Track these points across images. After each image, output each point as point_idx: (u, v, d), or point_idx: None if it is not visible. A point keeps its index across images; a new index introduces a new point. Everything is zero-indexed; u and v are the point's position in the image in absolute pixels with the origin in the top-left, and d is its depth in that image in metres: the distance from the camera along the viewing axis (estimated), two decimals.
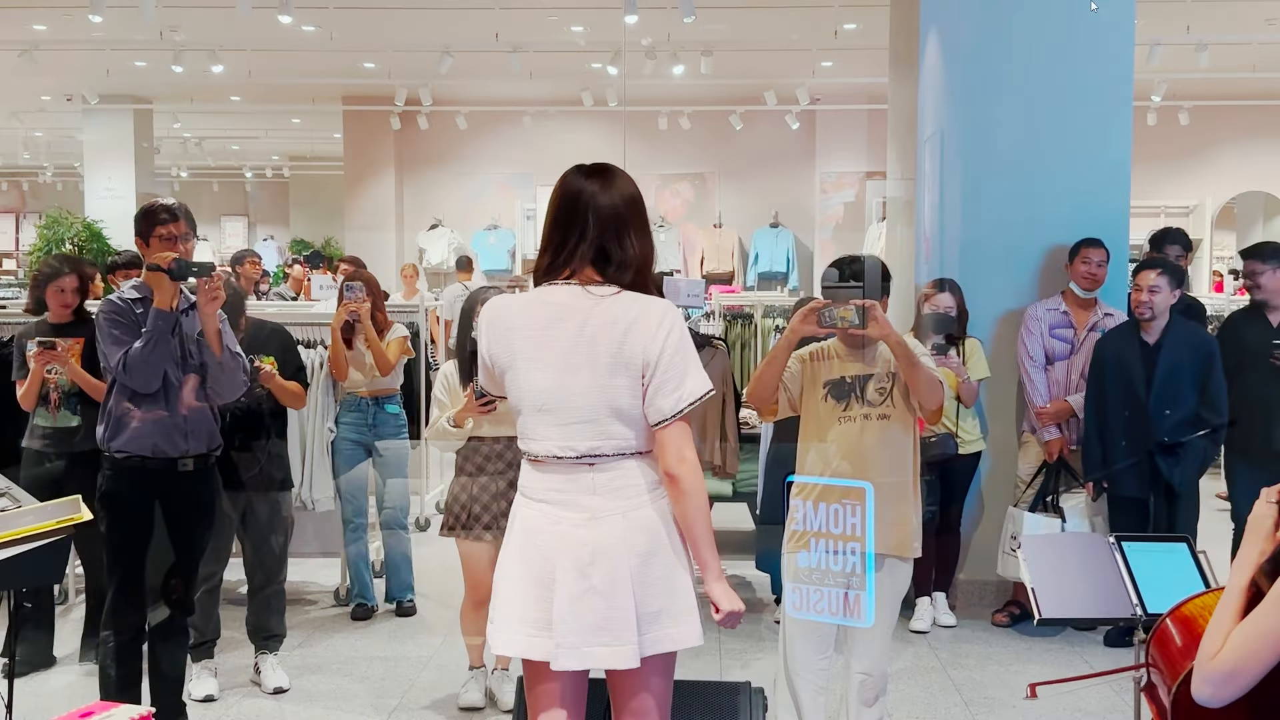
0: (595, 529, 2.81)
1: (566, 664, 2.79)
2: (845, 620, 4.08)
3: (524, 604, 2.84)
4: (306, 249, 16.37)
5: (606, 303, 2.81)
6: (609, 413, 2.80)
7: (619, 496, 2.83)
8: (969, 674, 5.37)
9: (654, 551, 2.82)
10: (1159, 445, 5.47)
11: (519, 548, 2.89)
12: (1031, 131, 6.14)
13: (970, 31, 6.22)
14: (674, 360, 2.79)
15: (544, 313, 2.84)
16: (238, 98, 14.51)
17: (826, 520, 4.06)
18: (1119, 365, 5.66)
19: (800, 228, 14.10)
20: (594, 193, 2.86)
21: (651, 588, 2.81)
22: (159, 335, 4.19)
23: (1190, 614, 2.39)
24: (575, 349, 2.80)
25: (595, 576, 2.78)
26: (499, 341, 2.89)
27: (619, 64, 10.96)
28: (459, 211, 14.46)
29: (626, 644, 2.78)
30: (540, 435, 2.85)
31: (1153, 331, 5.61)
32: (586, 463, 2.82)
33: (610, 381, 2.79)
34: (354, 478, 6.12)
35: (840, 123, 13.63)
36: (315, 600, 6.47)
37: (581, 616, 2.78)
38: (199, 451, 4.37)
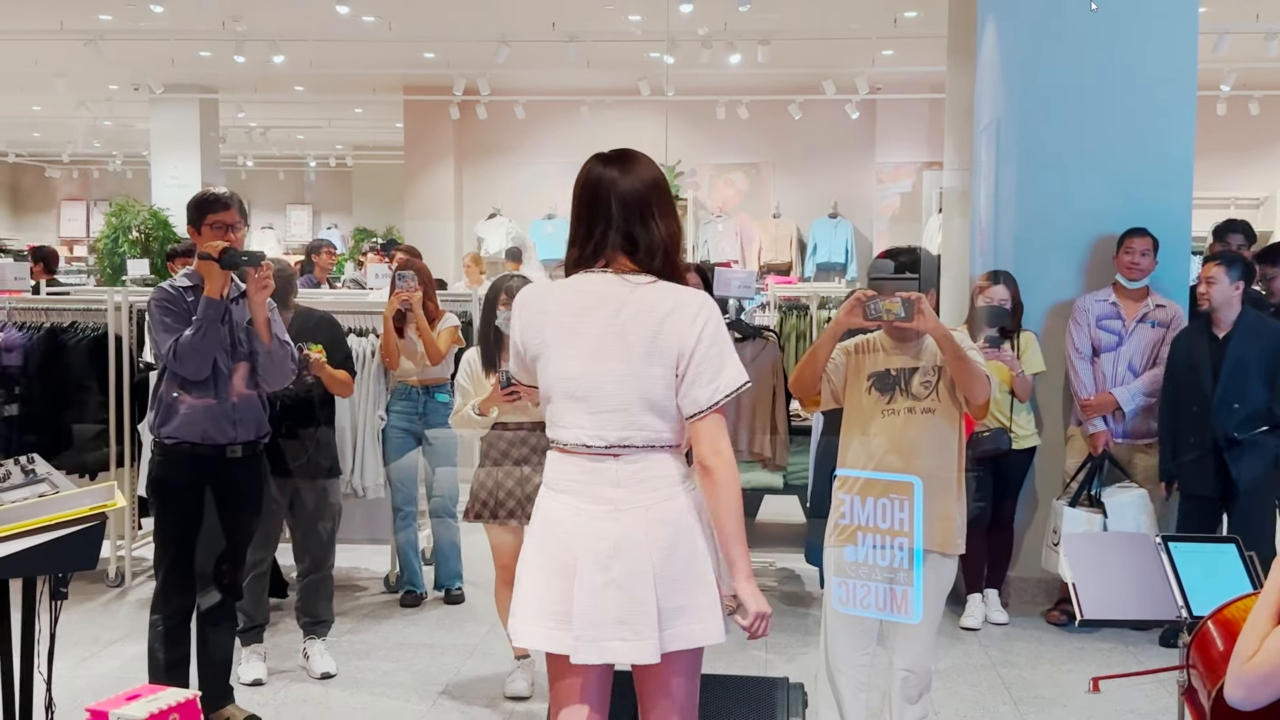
0: (617, 521, 2.78)
1: (584, 657, 2.77)
2: (890, 615, 4.03)
3: (544, 596, 2.82)
4: (369, 237, 16.50)
5: (642, 291, 2.79)
6: (641, 402, 2.78)
7: (643, 489, 2.80)
8: (1019, 672, 5.30)
9: (678, 546, 2.79)
10: (1226, 441, 5.36)
11: (540, 539, 2.87)
12: (1091, 121, 6.02)
13: (1029, 18, 6.11)
14: (710, 352, 2.76)
15: (578, 300, 2.83)
16: (301, 88, 14.64)
17: (874, 514, 4.01)
18: (1188, 360, 5.57)
19: (859, 218, 13.98)
20: (614, 179, 2.84)
21: (674, 583, 2.78)
22: (209, 323, 4.24)
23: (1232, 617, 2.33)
24: (608, 337, 2.78)
25: (616, 569, 2.75)
26: (531, 327, 2.88)
27: (675, 53, 10.90)
28: (517, 201, 14.49)
29: (646, 639, 2.75)
30: (570, 423, 2.83)
31: (1222, 325, 5.50)
32: (613, 453, 2.80)
33: (643, 370, 2.77)
34: (404, 466, 6.15)
35: (901, 112, 13.49)
36: (365, 587, 6.52)
37: (601, 610, 2.75)
38: (247, 439, 4.42)
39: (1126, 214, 5.94)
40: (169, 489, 4.38)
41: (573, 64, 11.09)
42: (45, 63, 11.75)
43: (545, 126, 14.22)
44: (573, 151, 14.17)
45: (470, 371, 4.83)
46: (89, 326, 6.45)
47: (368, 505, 6.29)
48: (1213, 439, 5.43)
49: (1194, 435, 5.51)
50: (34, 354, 6.32)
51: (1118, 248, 5.90)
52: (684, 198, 13.73)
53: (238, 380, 4.37)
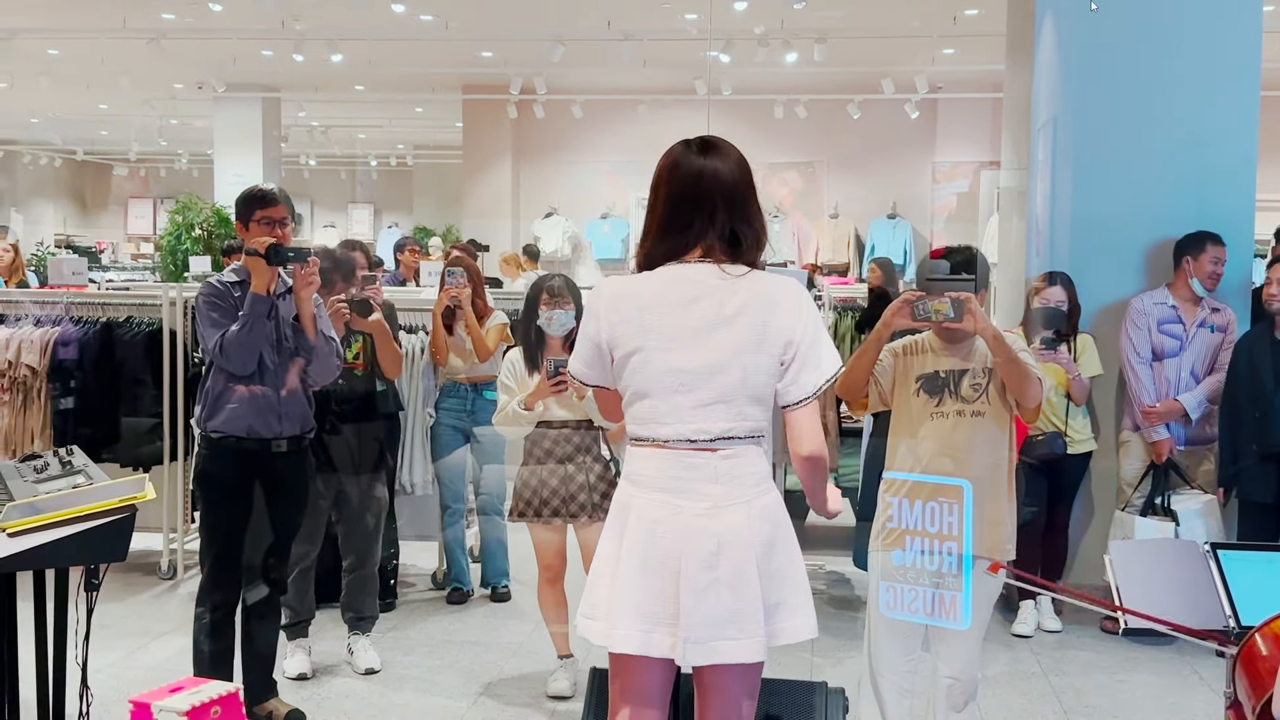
0: (719, 518, 2.73)
1: (695, 659, 2.73)
2: (937, 621, 3.96)
3: (642, 598, 2.74)
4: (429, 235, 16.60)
5: (744, 282, 2.76)
6: (746, 393, 2.75)
7: (741, 484, 2.76)
8: (1070, 681, 5.19)
9: (776, 541, 2.77)
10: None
11: (635, 539, 2.77)
12: (1150, 120, 5.90)
13: (1087, 16, 5.98)
14: (816, 337, 2.77)
15: (680, 290, 2.76)
16: (361, 87, 14.76)
17: (921, 518, 3.95)
18: (1250, 366, 5.44)
19: (917, 219, 13.84)
20: (715, 170, 2.79)
21: (773, 578, 2.76)
22: (255, 318, 4.26)
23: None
24: (715, 328, 2.74)
25: (722, 568, 2.71)
26: (628, 322, 2.78)
27: (731, 51, 10.85)
28: (573, 200, 14.51)
29: (754, 636, 2.72)
30: (672, 419, 2.76)
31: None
32: (713, 448, 2.75)
33: (753, 360, 2.74)
34: (452, 463, 6.16)
35: (961, 111, 13.35)
36: (413, 583, 6.54)
37: (709, 610, 2.70)
38: (292, 433, 4.44)
39: (1186, 215, 5.82)
40: (214, 483, 4.41)
41: (629, 63, 11.07)
42: (110, 61, 11.93)
43: (602, 126, 14.22)
44: (629, 151, 14.32)
45: (514, 370, 4.82)
46: (144, 321, 6.52)
47: (415, 502, 6.29)
48: (1275, 446, 5.29)
49: (1256, 441, 5.38)
50: (89, 348, 6.40)
51: (1181, 254, 5.73)
52: None
53: (289, 375, 4.40)
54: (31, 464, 3.42)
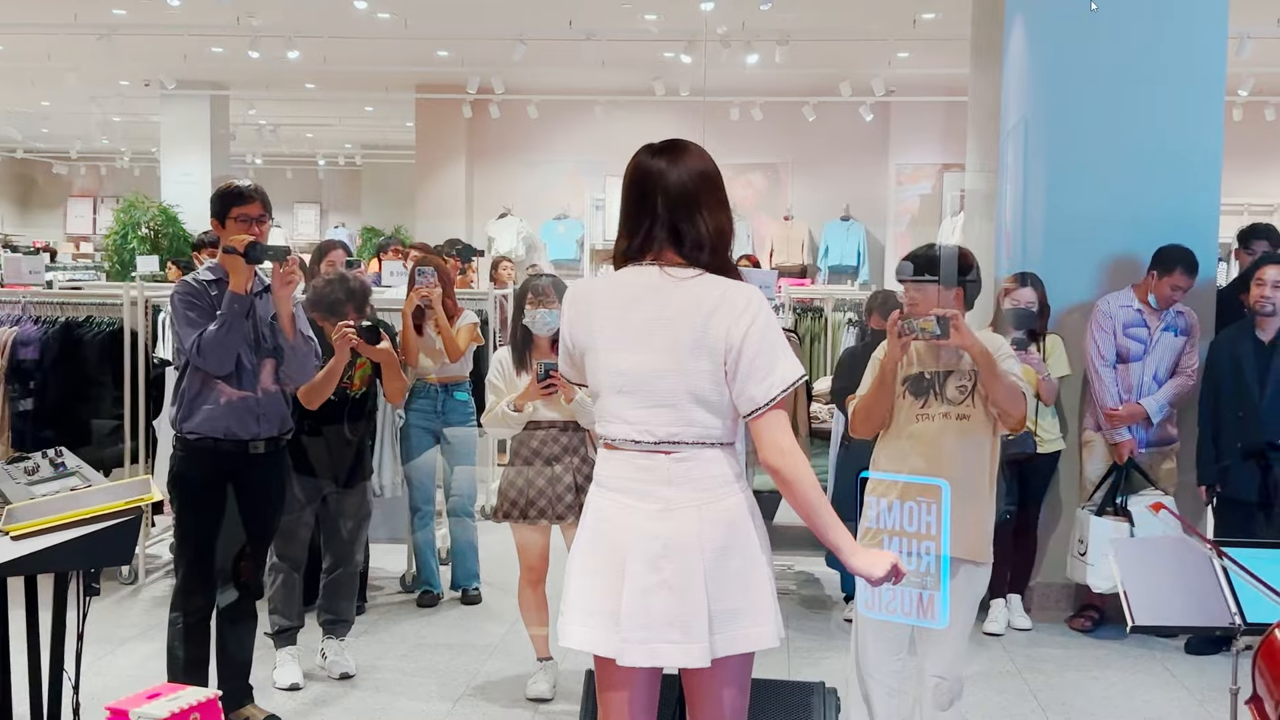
0: (669, 521, 2.71)
1: (633, 659, 2.71)
2: (919, 621, 3.97)
3: (591, 596, 2.76)
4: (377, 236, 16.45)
5: (687, 285, 2.73)
6: (690, 398, 2.72)
7: (696, 488, 2.73)
8: (1045, 679, 5.24)
9: (731, 547, 2.73)
10: (1271, 447, 5.29)
11: (590, 538, 2.82)
12: (1118, 124, 5.95)
13: (1057, 20, 6.05)
14: (762, 346, 2.69)
15: (625, 293, 2.78)
16: (312, 85, 14.59)
17: (901, 518, 3.97)
18: (1233, 365, 5.50)
19: (872, 221, 13.92)
20: (662, 170, 2.78)
21: (726, 585, 2.71)
22: (233, 318, 4.19)
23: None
24: (655, 331, 2.73)
25: (666, 570, 2.69)
26: (579, 322, 2.84)
27: (693, 52, 10.85)
28: (528, 201, 14.43)
29: (696, 642, 2.69)
30: (619, 418, 2.77)
31: (1269, 329, 5.44)
32: (664, 450, 2.73)
33: (691, 365, 2.71)
34: (423, 464, 6.10)
35: (915, 115, 13.43)
36: (381, 586, 6.46)
37: (650, 611, 2.69)
38: (270, 434, 4.37)
39: (1153, 218, 5.88)
40: (190, 485, 4.33)
41: (587, 63, 11.04)
42: (57, 57, 11.71)
43: (558, 126, 14.17)
44: (586, 152, 14.28)
45: (502, 370, 4.79)
46: (105, 321, 6.40)
47: (385, 505, 6.22)
48: (1258, 444, 5.37)
49: (1239, 440, 5.45)
50: (49, 349, 6.27)
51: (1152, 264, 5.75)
52: None
53: (262, 375, 4.33)
54: (20, 465, 3.33)
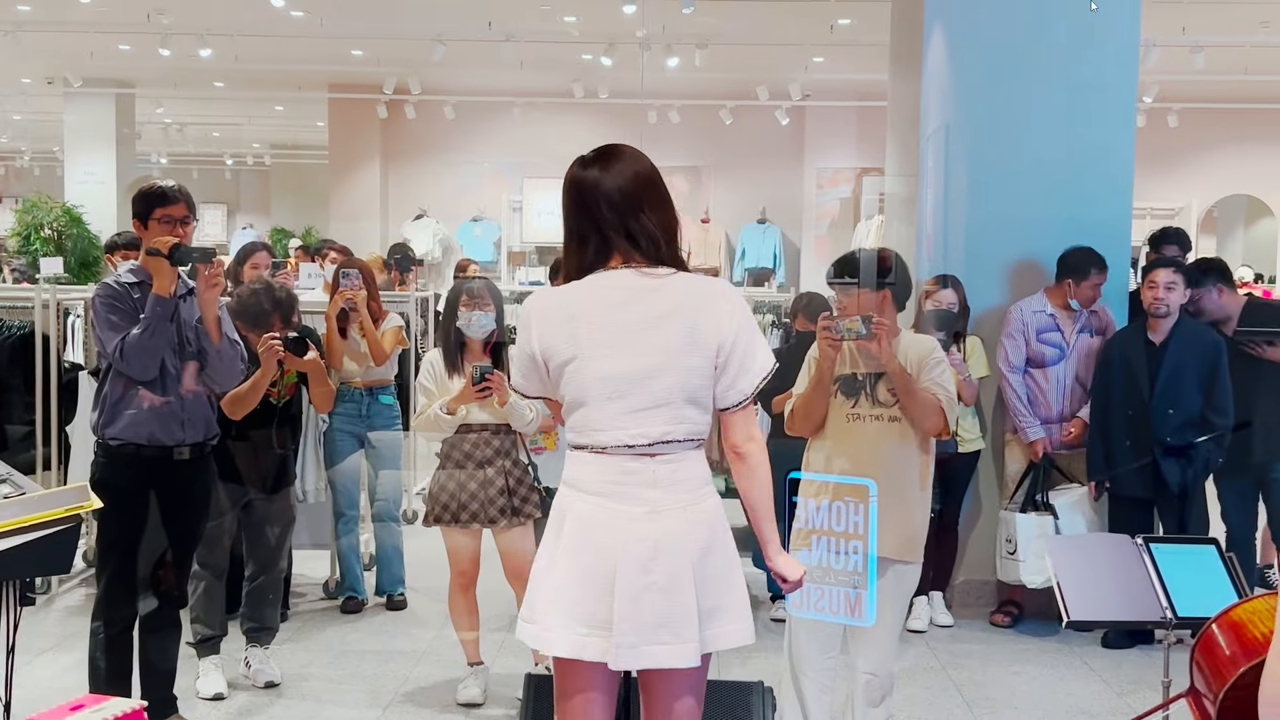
0: (656, 523, 2.73)
1: (626, 664, 2.71)
2: (848, 619, 4.04)
3: (577, 602, 2.73)
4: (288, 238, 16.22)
5: (670, 283, 2.76)
6: (683, 396, 2.74)
7: (679, 489, 2.75)
8: (969, 674, 5.33)
9: (713, 546, 2.77)
10: (1161, 445, 5.44)
11: (573, 544, 2.76)
12: (1037, 130, 6.09)
13: (976, 27, 6.16)
14: (750, 339, 2.78)
15: (606, 298, 2.77)
16: (221, 84, 14.35)
17: (829, 518, 4.02)
18: (1125, 365, 5.63)
19: (788, 224, 14.05)
20: (597, 179, 2.80)
21: (709, 584, 2.75)
22: (157, 322, 4.11)
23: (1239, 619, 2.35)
24: (645, 331, 2.74)
25: (657, 572, 2.70)
26: (557, 332, 2.79)
27: (613, 55, 10.86)
28: (445, 202, 14.32)
29: (688, 642, 2.71)
30: (610, 425, 2.75)
31: (1160, 331, 5.58)
32: (650, 453, 2.74)
33: (685, 363, 2.73)
34: (347, 469, 6.03)
35: (830, 119, 13.58)
36: (304, 593, 6.38)
37: (642, 614, 2.69)
38: (195, 440, 4.30)
39: (1069, 221, 6.01)
40: (113, 492, 4.17)
41: (506, 64, 10.99)
42: None
43: (475, 127, 14.09)
44: (503, 153, 14.20)
45: (433, 372, 4.74)
46: (16, 325, 6.23)
47: (307, 510, 6.12)
48: (1147, 442, 5.52)
49: (1130, 438, 5.59)
50: None
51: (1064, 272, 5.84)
52: None
53: (187, 380, 4.25)
54: None
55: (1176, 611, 3.07)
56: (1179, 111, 12.78)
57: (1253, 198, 14.26)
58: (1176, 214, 14.01)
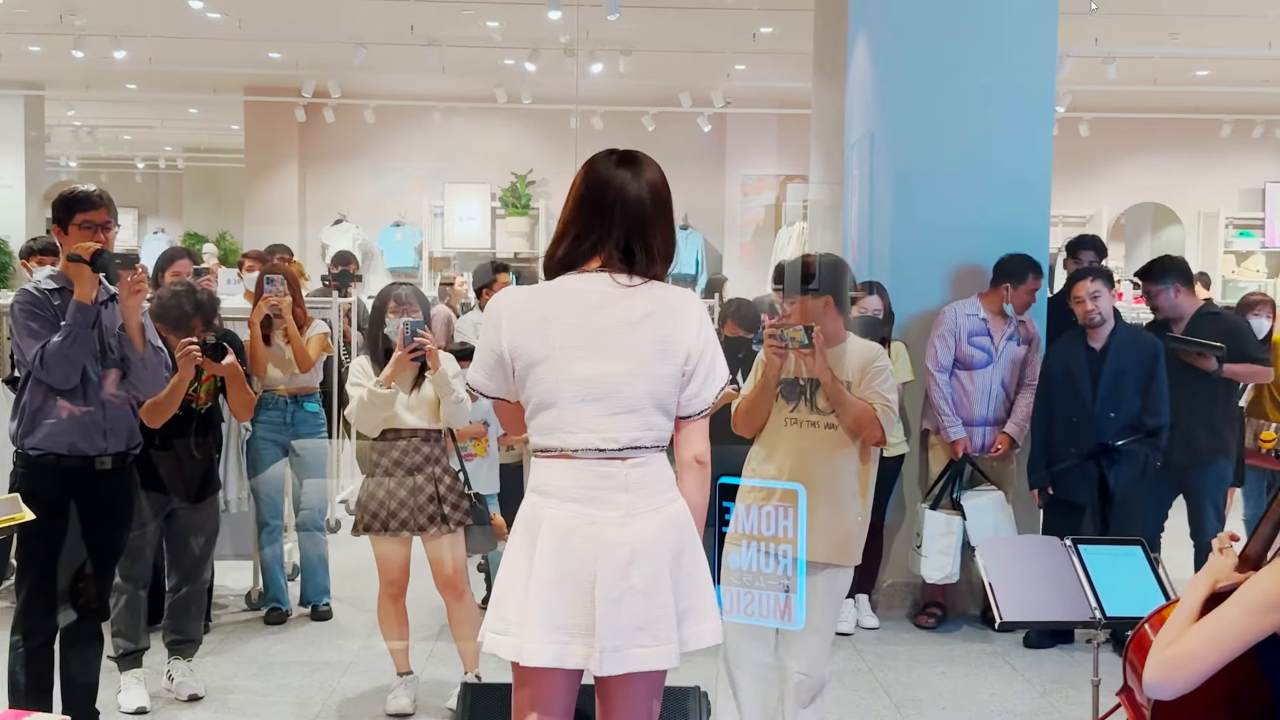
0: (631, 526, 2.72)
1: (610, 669, 2.69)
2: (778, 623, 4.07)
3: (557, 610, 2.70)
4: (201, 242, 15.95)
5: (644, 292, 2.77)
6: (652, 403, 2.75)
7: (650, 492, 2.76)
8: (896, 675, 5.40)
9: (684, 548, 2.78)
10: (1101, 449, 5.56)
11: (548, 551, 2.73)
12: (958, 138, 6.20)
13: (899, 37, 6.26)
14: (715, 350, 2.82)
15: (583, 300, 2.76)
16: (134, 86, 14.07)
17: (759, 523, 4.06)
18: (1066, 373, 5.74)
19: (710, 229, 14.11)
20: (624, 184, 2.79)
21: (683, 585, 2.76)
22: (78, 329, 4.03)
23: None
24: (619, 337, 2.74)
25: (635, 576, 2.70)
26: (530, 333, 2.77)
27: (537, 60, 10.84)
28: (365, 207, 14.16)
29: (667, 643, 2.72)
30: (581, 427, 2.74)
31: (1099, 337, 5.69)
32: (623, 457, 2.74)
33: (657, 369, 2.75)
34: (271, 478, 5.95)
35: (751, 126, 13.66)
36: (225, 605, 6.27)
37: (622, 618, 2.69)
38: (118, 449, 4.22)
39: (989, 229, 6.14)
40: (33, 503, 4.09)
41: (427, 69, 10.91)
42: None
43: (395, 132, 13.95)
44: (424, 158, 14.06)
45: (364, 371, 4.67)
46: None
47: (229, 520, 6.02)
48: (1091, 447, 5.62)
49: (1074, 445, 5.68)
50: None
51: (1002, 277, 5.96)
52: (535, 207, 13.66)
53: (109, 388, 4.16)
54: None
55: (1105, 611, 3.14)
56: (1090, 121, 13.05)
57: (1160, 205, 14.59)
58: (1087, 221, 14.30)
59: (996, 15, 6.18)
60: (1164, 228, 14.93)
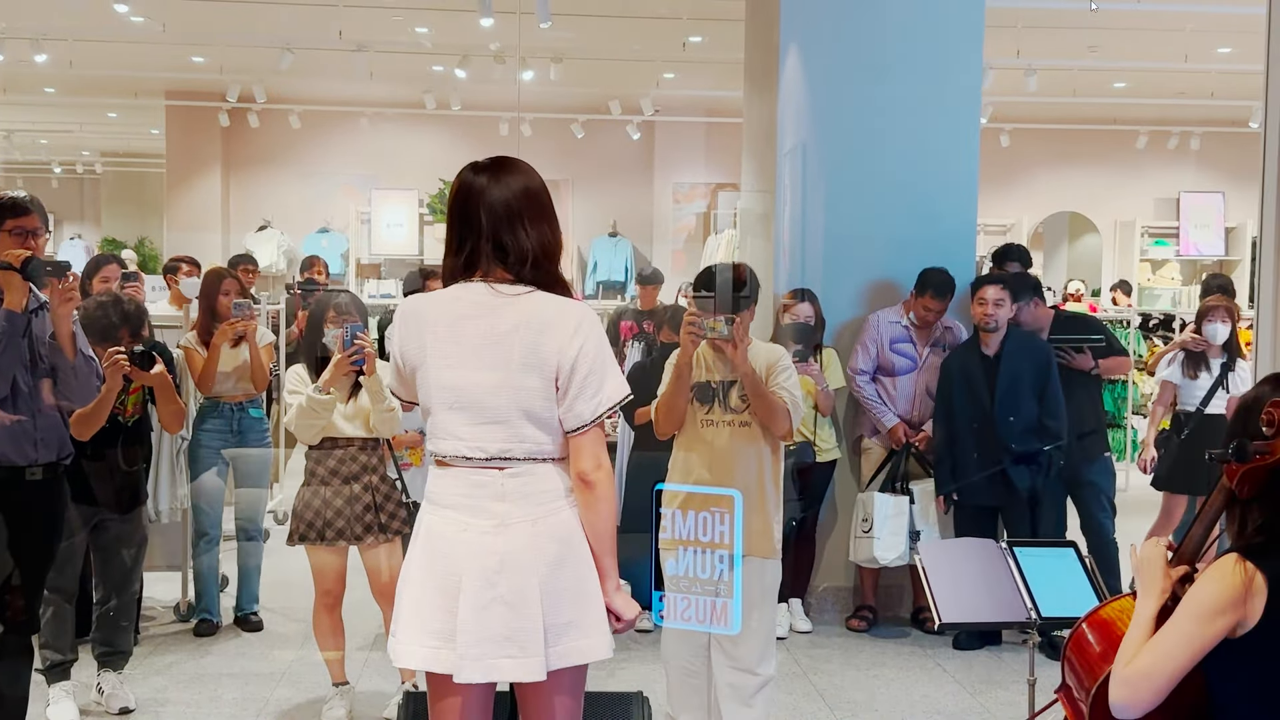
0: (503, 536, 2.73)
1: (469, 676, 2.71)
2: (712, 628, 4.12)
3: (427, 615, 2.74)
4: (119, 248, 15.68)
5: (519, 302, 2.76)
6: (520, 414, 2.75)
7: (529, 503, 2.76)
8: (830, 679, 5.46)
9: (564, 561, 2.76)
10: (1007, 453, 5.69)
11: (423, 556, 2.79)
12: (887, 148, 6.30)
13: (830, 48, 6.35)
14: (593, 365, 2.76)
15: (455, 309, 2.78)
16: (52, 89, 13.81)
17: (694, 528, 4.12)
18: (964, 379, 5.85)
19: (639, 237, 14.16)
20: (484, 187, 2.81)
21: (560, 598, 2.74)
22: (9, 338, 3.96)
23: (1108, 618, 2.48)
24: (485, 347, 2.75)
25: (502, 585, 2.70)
26: (411, 338, 2.83)
27: (467, 67, 10.81)
28: (290, 213, 14.01)
29: (533, 656, 2.71)
30: (450, 434, 2.77)
31: (992, 344, 5.83)
32: (496, 466, 2.75)
33: (522, 382, 2.74)
34: (213, 487, 5.87)
35: (679, 134, 13.74)
36: (153, 616, 6.18)
37: (486, 627, 2.70)
38: (49, 460, 4.15)
39: (917, 238, 6.24)
40: None
41: (355, 75, 10.84)
42: None
43: (322, 137, 13.84)
44: (351, 165, 14.00)
45: (302, 378, 4.63)
46: None
47: (160, 530, 5.92)
48: (995, 452, 5.75)
49: (977, 450, 5.81)
50: None
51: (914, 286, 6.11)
52: None
53: (38, 397, 4.10)
54: None
55: (1041, 611, 3.22)
56: (1010, 131, 13.30)
57: (1076, 214, 14.89)
58: (1008, 230, 14.57)
59: (925, 27, 6.30)
60: (1080, 236, 15.26)
